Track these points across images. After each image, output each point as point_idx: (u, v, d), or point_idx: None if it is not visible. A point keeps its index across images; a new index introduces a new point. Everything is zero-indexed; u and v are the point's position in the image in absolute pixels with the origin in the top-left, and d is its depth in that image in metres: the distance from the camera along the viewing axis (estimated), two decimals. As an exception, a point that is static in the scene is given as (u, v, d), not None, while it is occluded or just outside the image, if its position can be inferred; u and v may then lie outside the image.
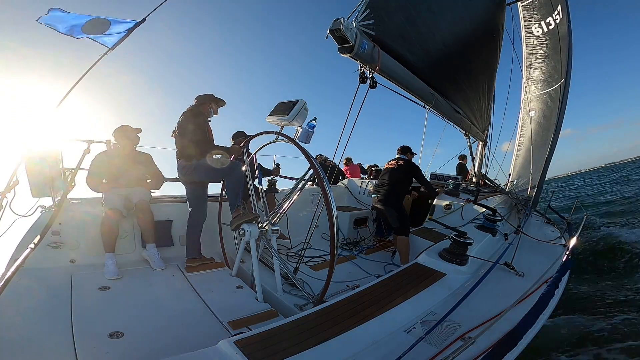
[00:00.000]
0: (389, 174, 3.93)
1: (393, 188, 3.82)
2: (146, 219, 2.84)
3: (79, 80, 2.37)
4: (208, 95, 3.03)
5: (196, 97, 3.01)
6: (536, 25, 6.26)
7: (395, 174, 3.89)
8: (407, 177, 3.91)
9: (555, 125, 5.30)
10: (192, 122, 2.80)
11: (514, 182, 6.53)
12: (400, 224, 3.55)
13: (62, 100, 2.33)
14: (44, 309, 1.93)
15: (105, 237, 2.63)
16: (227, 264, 3.04)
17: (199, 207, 2.97)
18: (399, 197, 3.84)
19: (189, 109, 2.94)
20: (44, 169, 2.52)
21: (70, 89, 2.34)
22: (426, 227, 3.77)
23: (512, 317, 1.56)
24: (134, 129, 3.11)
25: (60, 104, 2.35)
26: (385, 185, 3.87)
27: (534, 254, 2.90)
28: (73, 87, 2.34)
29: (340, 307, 1.71)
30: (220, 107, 3.15)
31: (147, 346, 1.71)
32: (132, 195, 2.92)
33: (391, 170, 3.95)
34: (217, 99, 3.08)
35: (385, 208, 3.76)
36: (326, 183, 2.17)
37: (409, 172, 3.91)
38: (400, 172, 3.89)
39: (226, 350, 1.29)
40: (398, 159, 4.03)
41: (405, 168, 3.91)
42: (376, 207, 3.96)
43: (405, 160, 4.00)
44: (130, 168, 3.01)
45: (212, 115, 3.08)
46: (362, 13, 2.76)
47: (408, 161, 4.02)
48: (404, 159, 4.01)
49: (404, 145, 4.15)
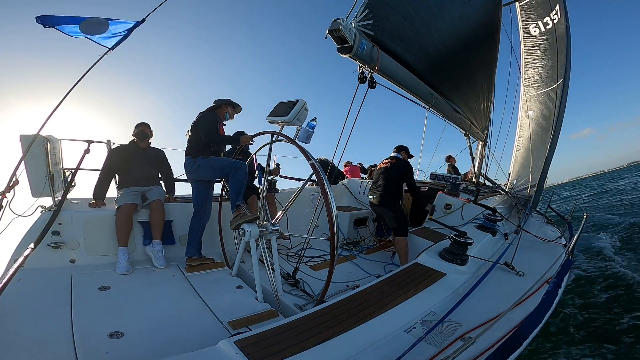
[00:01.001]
0: (382, 174, 3.84)
1: (387, 188, 3.72)
2: (159, 218, 2.90)
3: (79, 80, 2.36)
4: (226, 100, 3.12)
5: (215, 100, 3.10)
6: (533, 25, 6.27)
7: (389, 173, 3.80)
8: (400, 177, 3.81)
9: (554, 125, 5.31)
10: (205, 123, 2.86)
11: (513, 182, 6.54)
12: (398, 224, 3.47)
13: (62, 101, 2.32)
14: (44, 309, 1.93)
15: (120, 231, 2.70)
16: (227, 264, 3.04)
17: (203, 207, 2.99)
18: (395, 197, 3.74)
19: (206, 110, 3.01)
20: (44, 169, 2.52)
21: (70, 89, 2.34)
22: (426, 227, 3.78)
23: (512, 317, 1.56)
24: (147, 126, 3.23)
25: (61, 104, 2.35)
26: (379, 186, 3.78)
27: (534, 253, 2.91)
28: (73, 87, 2.34)
29: (340, 307, 1.71)
30: (236, 112, 3.26)
31: (147, 346, 1.71)
32: (148, 192, 3.01)
33: (384, 169, 3.86)
34: (234, 104, 3.18)
35: (381, 209, 3.69)
36: (326, 183, 2.17)
37: (402, 171, 3.81)
38: (394, 171, 3.79)
39: (226, 350, 1.29)
40: (392, 158, 3.93)
41: (398, 167, 3.81)
42: (374, 209, 3.90)
43: (398, 159, 3.90)
44: (145, 164, 3.12)
45: (228, 119, 3.18)
46: (361, 13, 2.77)
47: (402, 160, 3.92)
48: (397, 158, 3.91)
49: (400, 145, 4.07)
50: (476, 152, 5.93)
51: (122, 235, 2.70)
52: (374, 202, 3.78)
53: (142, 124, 3.20)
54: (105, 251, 2.75)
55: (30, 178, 2.47)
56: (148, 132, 3.19)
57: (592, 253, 6.35)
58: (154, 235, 2.88)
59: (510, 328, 1.51)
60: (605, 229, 8.43)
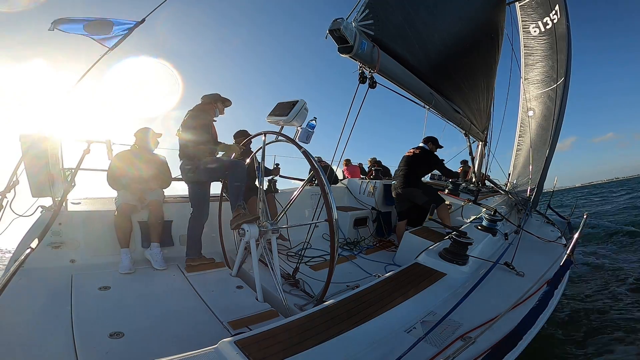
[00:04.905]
0: (404, 161, 4.02)
1: (409, 172, 3.89)
2: (156, 218, 2.88)
3: (79, 80, 2.37)
4: (214, 95, 3.04)
5: (202, 97, 3.02)
6: (533, 25, 6.26)
7: (411, 160, 3.96)
8: (423, 162, 3.97)
9: (554, 125, 5.30)
10: (196, 122, 2.81)
11: (513, 182, 6.53)
12: (429, 197, 3.63)
13: (62, 101, 2.33)
14: (44, 309, 1.93)
15: (120, 232, 2.69)
16: (227, 264, 3.04)
17: (201, 207, 2.98)
18: (417, 177, 3.91)
19: (195, 108, 2.94)
20: (44, 169, 2.52)
21: (70, 89, 2.34)
22: (426, 227, 3.78)
23: (512, 317, 1.56)
24: (155, 133, 3.21)
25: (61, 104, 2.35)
26: (400, 173, 3.96)
27: (534, 253, 2.91)
28: (73, 87, 2.34)
29: (340, 307, 1.71)
30: (226, 107, 3.16)
31: (147, 346, 1.71)
32: (146, 193, 2.99)
33: (407, 157, 4.04)
34: (224, 99, 3.09)
35: (407, 190, 3.82)
36: (326, 183, 2.17)
37: (426, 159, 3.97)
38: (417, 159, 3.96)
39: (226, 350, 1.29)
40: (416, 148, 4.09)
41: (421, 156, 3.97)
42: (397, 194, 3.99)
43: (422, 149, 4.04)
44: (147, 168, 3.10)
45: (218, 115, 3.09)
46: (361, 13, 2.76)
47: (424, 149, 4.05)
48: (420, 147, 4.06)
49: (428, 136, 4.21)
50: (476, 152, 5.93)
51: (123, 237, 2.69)
52: (397, 187, 3.92)
53: (145, 129, 3.20)
54: (105, 251, 2.75)
55: (30, 178, 2.47)
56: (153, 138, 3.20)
57: (592, 253, 6.36)
58: (151, 237, 2.86)
59: (510, 328, 1.51)
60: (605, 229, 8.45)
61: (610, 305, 3.80)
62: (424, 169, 3.99)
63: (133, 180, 2.98)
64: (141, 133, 3.16)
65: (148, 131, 3.18)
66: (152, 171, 3.14)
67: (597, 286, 4.53)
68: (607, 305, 3.83)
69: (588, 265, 5.57)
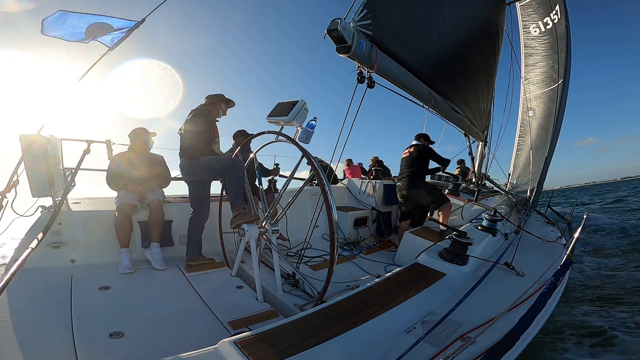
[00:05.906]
0: (404, 163, 4.15)
1: (412, 173, 4.00)
2: (157, 218, 2.88)
3: (79, 80, 2.37)
4: (218, 95, 3.04)
5: (206, 97, 3.03)
6: (534, 25, 6.26)
7: (409, 161, 4.08)
8: (422, 160, 4.08)
9: (554, 125, 5.30)
10: (198, 122, 2.81)
11: (513, 182, 6.53)
12: (434, 197, 3.72)
13: (63, 101, 2.32)
14: (44, 309, 1.93)
15: (120, 231, 2.70)
16: (227, 264, 3.04)
17: (201, 206, 2.98)
18: (421, 178, 4.04)
19: (198, 107, 2.94)
20: (44, 169, 2.53)
21: (70, 89, 2.34)
22: (426, 227, 3.78)
23: (512, 317, 1.56)
24: (149, 132, 3.21)
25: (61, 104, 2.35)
26: (404, 175, 4.08)
27: (534, 254, 2.91)
28: (73, 87, 2.34)
29: (340, 307, 1.71)
30: (229, 107, 3.17)
31: (147, 346, 1.71)
32: (147, 193, 3.00)
33: (405, 159, 4.16)
34: (227, 100, 3.10)
35: (412, 191, 3.93)
36: (326, 183, 2.17)
37: (422, 154, 4.08)
38: (414, 158, 4.07)
39: (226, 350, 1.29)
40: (410, 147, 4.20)
41: (417, 153, 4.08)
42: (402, 195, 4.10)
43: (415, 146, 4.15)
44: (146, 169, 3.10)
45: (221, 116, 3.10)
46: (359, 13, 2.76)
47: (419, 146, 4.15)
48: (414, 145, 4.18)
49: (419, 133, 4.32)
50: (476, 152, 5.93)
51: (123, 236, 2.69)
52: (402, 189, 4.04)
53: (139, 129, 3.19)
54: (105, 251, 2.75)
55: (30, 178, 2.47)
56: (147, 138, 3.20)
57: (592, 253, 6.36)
58: (152, 237, 2.86)
59: (510, 328, 1.51)
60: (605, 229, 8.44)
61: (610, 305, 3.79)
62: (424, 165, 4.08)
63: (132, 181, 2.98)
64: (137, 133, 3.14)
65: (145, 131, 3.19)
66: (152, 171, 3.14)
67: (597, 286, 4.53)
68: (607, 305, 3.83)
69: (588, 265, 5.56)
